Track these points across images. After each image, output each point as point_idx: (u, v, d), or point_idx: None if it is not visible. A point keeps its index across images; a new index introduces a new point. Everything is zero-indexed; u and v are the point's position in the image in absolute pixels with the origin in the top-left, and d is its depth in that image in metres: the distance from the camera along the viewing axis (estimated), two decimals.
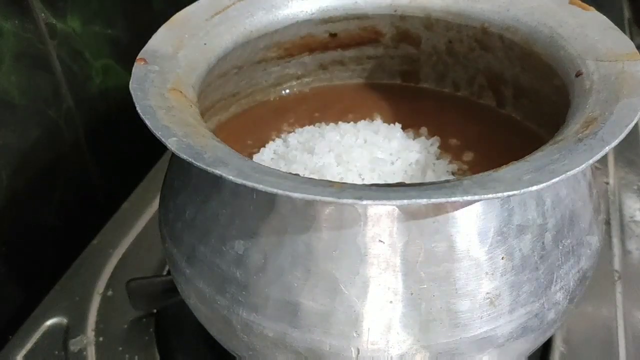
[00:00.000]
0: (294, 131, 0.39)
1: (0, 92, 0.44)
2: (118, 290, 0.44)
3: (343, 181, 0.32)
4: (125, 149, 0.60)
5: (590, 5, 0.33)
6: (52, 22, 0.49)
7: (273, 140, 0.39)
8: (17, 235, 0.47)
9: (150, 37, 0.33)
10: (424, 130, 0.39)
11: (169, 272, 0.44)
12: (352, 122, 0.38)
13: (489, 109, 0.41)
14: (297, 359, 0.28)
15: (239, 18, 0.36)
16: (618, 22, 0.32)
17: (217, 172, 0.23)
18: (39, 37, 0.47)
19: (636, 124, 0.26)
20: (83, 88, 0.53)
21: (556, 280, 0.27)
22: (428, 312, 0.26)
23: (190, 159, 0.24)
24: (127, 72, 0.31)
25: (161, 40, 0.33)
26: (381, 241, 0.25)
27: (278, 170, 0.24)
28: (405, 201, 0.21)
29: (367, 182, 0.33)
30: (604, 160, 0.53)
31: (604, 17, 0.32)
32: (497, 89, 0.40)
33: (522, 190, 0.22)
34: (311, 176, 0.33)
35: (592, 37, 0.31)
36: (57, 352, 0.40)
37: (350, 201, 0.21)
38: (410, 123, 0.39)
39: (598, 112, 0.26)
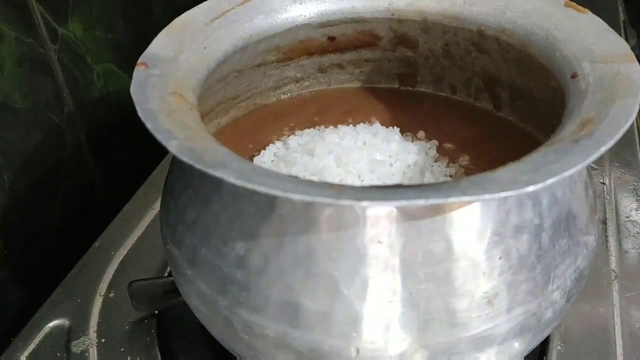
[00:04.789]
0: (294, 134, 0.39)
1: (2, 96, 0.44)
2: (120, 291, 0.44)
3: (343, 182, 0.32)
4: (127, 152, 0.60)
5: (585, 7, 0.33)
6: (54, 26, 0.49)
7: (273, 143, 0.39)
8: (19, 238, 0.48)
9: (150, 41, 0.33)
10: (421, 133, 0.39)
11: (170, 274, 0.44)
12: (351, 125, 0.38)
13: (486, 112, 0.41)
14: (297, 359, 0.28)
15: (238, 22, 0.37)
16: (613, 24, 0.32)
17: (218, 174, 0.23)
18: (40, 41, 0.47)
19: (631, 125, 0.26)
20: (84, 92, 0.54)
21: (553, 280, 0.28)
22: (426, 312, 0.26)
23: (191, 162, 0.24)
24: (128, 76, 0.31)
25: (162, 44, 0.33)
26: (380, 242, 0.25)
27: (278, 172, 0.24)
28: (404, 202, 0.21)
29: (366, 183, 0.33)
30: (600, 160, 0.53)
31: (599, 19, 0.32)
32: (494, 92, 0.40)
33: (519, 191, 0.22)
34: (311, 178, 0.33)
35: (588, 39, 0.31)
36: (59, 354, 0.40)
37: (349, 202, 0.21)
38: (408, 127, 0.39)
39: (594, 113, 0.27)
